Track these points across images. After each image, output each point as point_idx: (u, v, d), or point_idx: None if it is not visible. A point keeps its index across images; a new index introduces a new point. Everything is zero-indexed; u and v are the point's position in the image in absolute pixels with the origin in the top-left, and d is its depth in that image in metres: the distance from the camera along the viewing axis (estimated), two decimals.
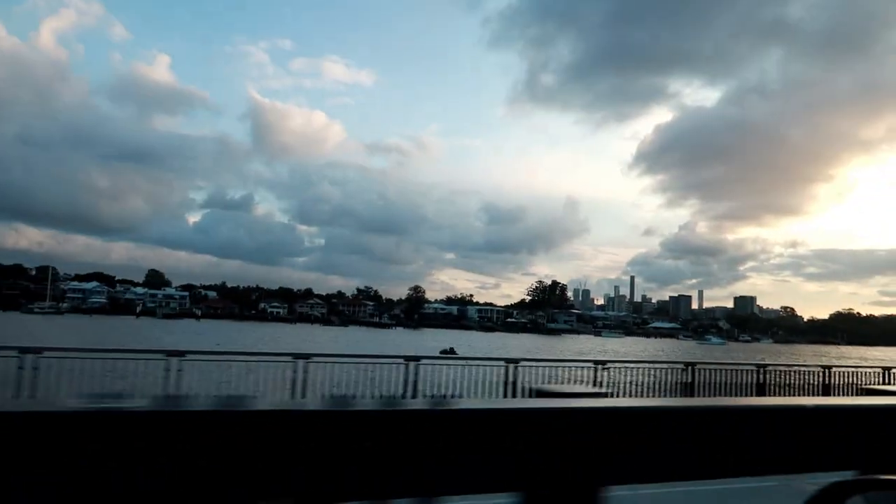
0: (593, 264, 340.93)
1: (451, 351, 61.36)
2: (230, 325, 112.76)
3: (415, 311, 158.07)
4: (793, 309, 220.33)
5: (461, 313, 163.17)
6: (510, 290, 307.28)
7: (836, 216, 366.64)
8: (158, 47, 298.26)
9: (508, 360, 13.31)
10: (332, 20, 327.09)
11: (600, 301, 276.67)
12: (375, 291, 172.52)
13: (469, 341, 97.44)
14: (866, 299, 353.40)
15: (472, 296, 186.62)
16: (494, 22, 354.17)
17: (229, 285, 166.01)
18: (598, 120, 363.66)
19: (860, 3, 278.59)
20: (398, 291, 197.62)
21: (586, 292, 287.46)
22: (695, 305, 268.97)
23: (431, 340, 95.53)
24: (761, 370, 15.96)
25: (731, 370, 15.81)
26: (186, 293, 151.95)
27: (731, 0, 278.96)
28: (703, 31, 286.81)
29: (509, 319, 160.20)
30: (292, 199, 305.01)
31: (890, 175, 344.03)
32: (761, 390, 15.27)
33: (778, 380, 15.97)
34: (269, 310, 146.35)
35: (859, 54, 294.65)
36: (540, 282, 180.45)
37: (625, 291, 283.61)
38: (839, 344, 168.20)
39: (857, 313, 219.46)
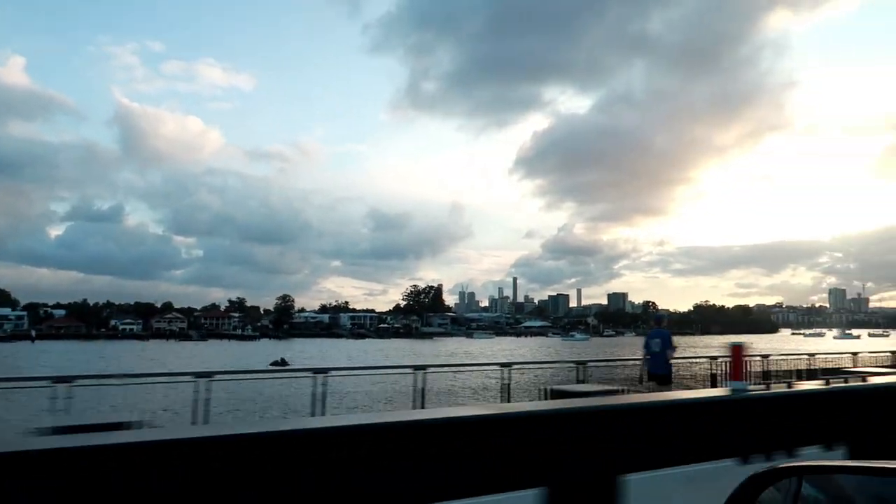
0: (478, 267, 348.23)
1: (283, 362, 58.87)
2: (68, 345, 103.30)
3: (284, 321, 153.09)
4: (654, 303, 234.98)
5: (333, 321, 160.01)
6: (397, 295, 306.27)
7: (697, 216, 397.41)
8: (12, 48, 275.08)
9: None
10: (207, 22, 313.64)
11: (485, 303, 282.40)
12: (243, 302, 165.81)
13: (324, 350, 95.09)
14: (725, 291, 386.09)
15: (346, 303, 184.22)
16: (374, 29, 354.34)
17: (92, 303, 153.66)
18: (480, 126, 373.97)
19: (711, 21, 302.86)
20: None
21: (471, 295, 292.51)
22: (573, 303, 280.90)
23: (283, 351, 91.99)
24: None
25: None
26: (24, 313, 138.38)
27: (600, 14, 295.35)
28: (575, 43, 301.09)
29: (382, 325, 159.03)
30: (167, 208, 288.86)
31: (740, 177, 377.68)
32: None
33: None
34: (122, 327, 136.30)
35: (712, 67, 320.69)
36: (415, 286, 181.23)
37: (508, 293, 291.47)
38: (694, 334, 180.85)
39: (714, 305, 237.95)
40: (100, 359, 60.03)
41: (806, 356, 19.76)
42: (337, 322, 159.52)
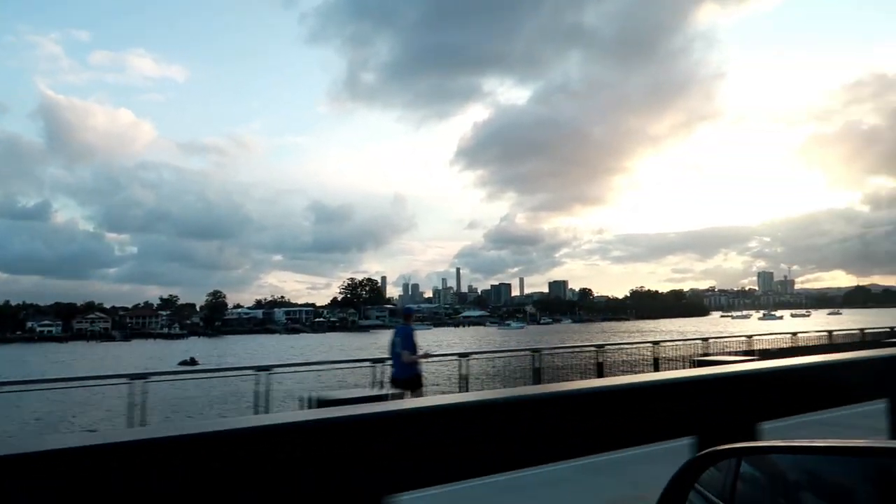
0: (423, 258, 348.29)
1: (192, 361, 56.91)
2: None
3: (216, 319, 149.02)
4: (591, 290, 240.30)
5: (267, 316, 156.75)
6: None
7: (634, 204, 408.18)
8: None
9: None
10: (135, 11, 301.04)
11: (429, 294, 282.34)
12: (175, 300, 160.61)
13: (253, 346, 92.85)
14: (662, 277, 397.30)
15: (283, 297, 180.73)
16: (311, 18, 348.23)
17: (14, 304, 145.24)
18: (420, 118, 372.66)
19: (644, 13, 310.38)
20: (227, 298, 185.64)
21: (415, 286, 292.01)
22: (516, 292, 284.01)
23: (210, 349, 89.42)
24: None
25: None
26: None
27: (536, 5, 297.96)
28: (512, 34, 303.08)
29: (318, 319, 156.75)
30: (98, 205, 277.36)
31: (674, 166, 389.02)
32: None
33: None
34: (39, 329, 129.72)
35: (645, 59, 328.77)
36: (352, 278, 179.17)
37: (452, 283, 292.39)
38: (627, 319, 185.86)
39: (648, 290, 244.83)
40: None
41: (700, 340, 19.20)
42: (271, 317, 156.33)
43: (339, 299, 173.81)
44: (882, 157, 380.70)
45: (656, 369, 15.47)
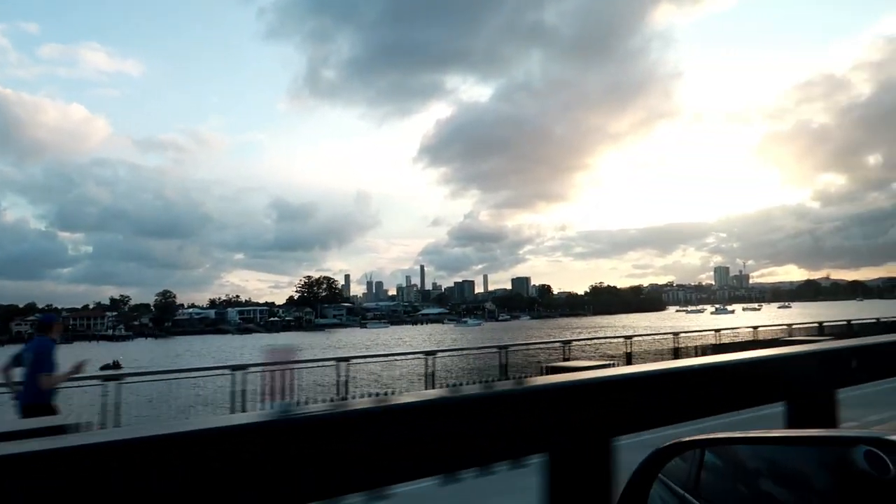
0: (387, 256, 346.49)
1: (115, 365, 54.63)
2: None
3: (166, 319, 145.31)
4: (550, 286, 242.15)
5: (220, 316, 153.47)
6: None
7: (596, 201, 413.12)
8: None
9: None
10: (87, 3, 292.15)
11: (393, 292, 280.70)
12: (126, 301, 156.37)
13: (195, 348, 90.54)
14: (623, 272, 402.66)
15: (239, 296, 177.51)
16: (270, 14, 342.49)
17: None
18: (383, 115, 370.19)
19: (603, 13, 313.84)
20: (185, 298, 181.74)
21: (379, 284, 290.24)
22: (480, 289, 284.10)
23: (146, 352, 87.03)
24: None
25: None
26: None
27: (497, 3, 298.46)
28: (474, 32, 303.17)
29: (272, 318, 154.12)
30: (50, 203, 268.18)
31: (634, 164, 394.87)
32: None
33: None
34: None
35: (605, 58, 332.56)
36: (309, 277, 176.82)
37: (416, 281, 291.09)
38: (584, 315, 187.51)
39: (607, 286, 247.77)
40: None
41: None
42: (224, 317, 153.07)
43: (295, 298, 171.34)
44: (831, 155, 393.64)
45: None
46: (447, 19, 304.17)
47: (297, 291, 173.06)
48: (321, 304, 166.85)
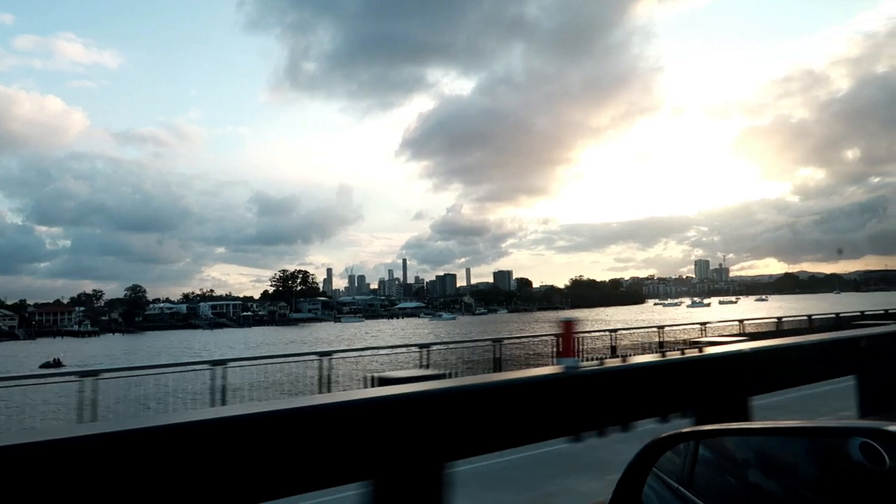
0: (370, 250, 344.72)
1: (56, 363, 52.96)
2: None
3: (136, 314, 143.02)
4: (529, 280, 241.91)
5: (191, 311, 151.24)
6: None
7: (578, 194, 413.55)
8: None
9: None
10: None
11: (375, 286, 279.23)
12: (101, 294, 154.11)
13: (162, 344, 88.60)
14: (605, 266, 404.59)
15: (212, 290, 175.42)
16: (249, 5, 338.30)
17: None
18: (364, 108, 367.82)
19: (584, 7, 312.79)
20: (164, 292, 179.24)
21: (361, 278, 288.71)
22: (462, 283, 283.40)
23: (99, 348, 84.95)
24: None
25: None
26: None
27: None
28: (455, 25, 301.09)
29: (245, 313, 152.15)
30: (27, 196, 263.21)
31: (616, 157, 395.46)
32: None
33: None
34: None
35: (586, 52, 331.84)
36: (283, 271, 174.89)
37: (399, 274, 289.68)
38: (561, 308, 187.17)
39: (587, 279, 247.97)
40: None
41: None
42: (196, 312, 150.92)
43: (270, 292, 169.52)
44: (810, 149, 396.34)
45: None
46: (428, 12, 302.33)
47: (272, 285, 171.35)
48: (297, 299, 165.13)
